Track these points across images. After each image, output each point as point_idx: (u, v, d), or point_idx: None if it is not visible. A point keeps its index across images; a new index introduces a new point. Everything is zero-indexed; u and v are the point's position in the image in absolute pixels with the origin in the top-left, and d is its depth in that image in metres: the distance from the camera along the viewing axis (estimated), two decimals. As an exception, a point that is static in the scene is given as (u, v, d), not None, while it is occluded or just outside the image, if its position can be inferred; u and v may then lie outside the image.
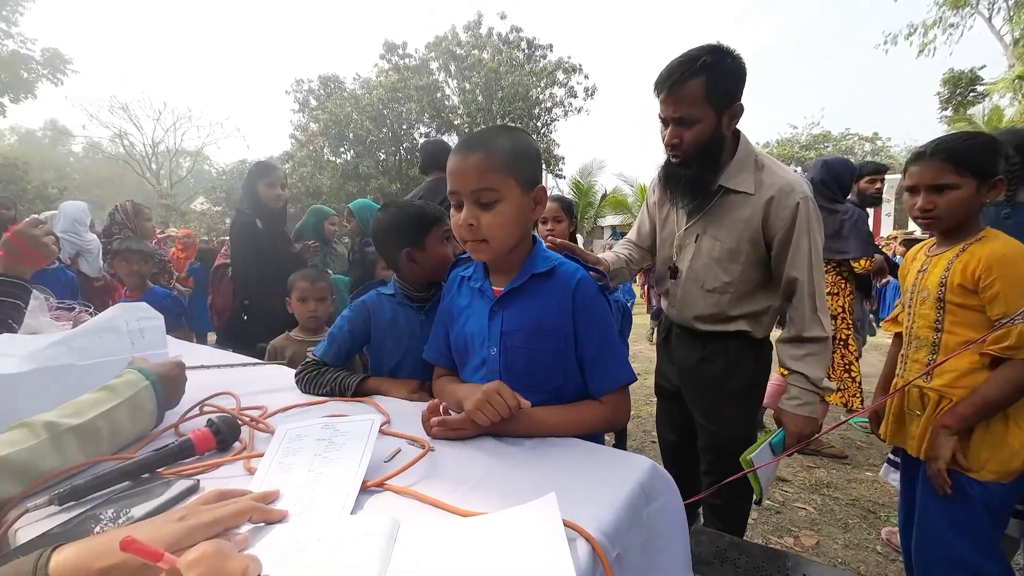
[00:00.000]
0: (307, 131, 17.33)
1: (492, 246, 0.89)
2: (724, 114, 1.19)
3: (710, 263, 1.30)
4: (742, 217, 1.24)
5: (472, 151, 0.86)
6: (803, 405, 1.23)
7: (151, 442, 0.84)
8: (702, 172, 1.25)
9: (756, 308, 1.30)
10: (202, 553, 0.39)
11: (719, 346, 1.35)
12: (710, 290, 1.31)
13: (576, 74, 17.18)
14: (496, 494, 0.66)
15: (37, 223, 1.31)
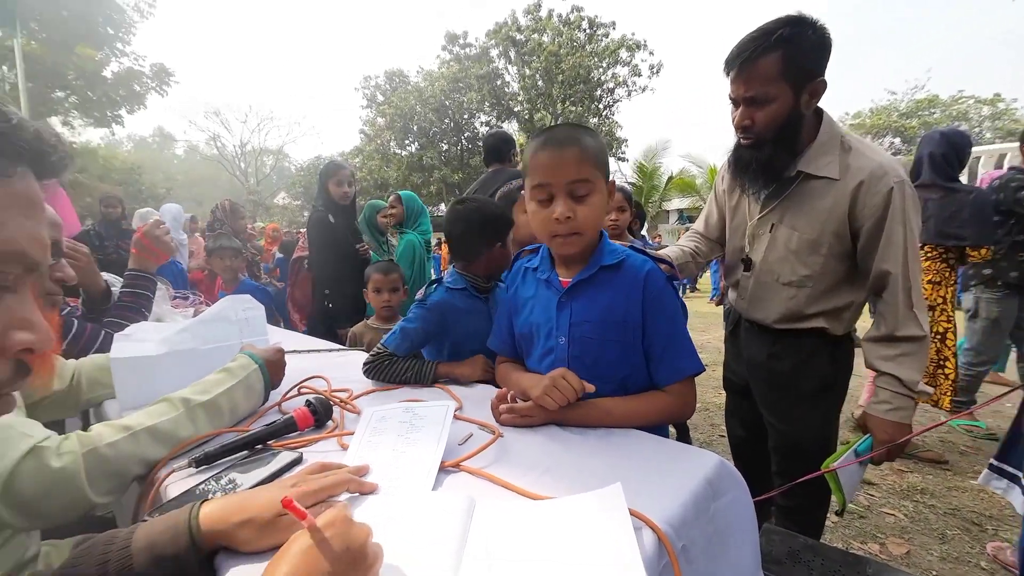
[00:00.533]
0: (374, 126, 18.11)
1: (584, 238, 0.92)
2: (803, 91, 1.10)
3: (787, 255, 1.21)
4: (824, 206, 1.14)
5: (566, 146, 0.88)
6: (894, 410, 1.12)
7: (260, 418, 0.96)
8: (777, 155, 1.16)
9: (837, 304, 1.20)
10: (334, 516, 0.45)
11: (791, 342, 1.27)
12: (786, 283, 1.23)
13: (640, 51, 16.44)
14: (563, 481, 0.69)
15: (159, 224, 1.51)
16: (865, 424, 1.17)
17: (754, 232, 1.29)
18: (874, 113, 22.84)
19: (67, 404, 1.10)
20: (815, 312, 1.21)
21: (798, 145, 1.16)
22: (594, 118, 17.11)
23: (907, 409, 1.12)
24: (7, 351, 0.32)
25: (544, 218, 0.90)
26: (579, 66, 15.69)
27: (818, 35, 1.07)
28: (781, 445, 1.33)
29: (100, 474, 0.71)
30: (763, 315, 1.30)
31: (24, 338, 0.32)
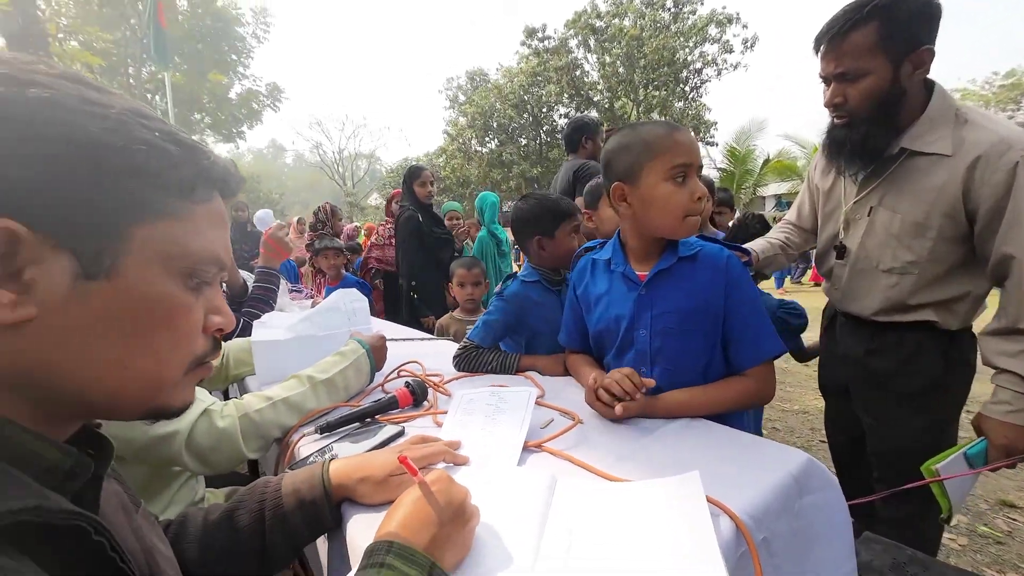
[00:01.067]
0: (456, 125, 18.79)
1: (704, 216, 0.98)
2: (904, 63, 1.00)
3: (887, 240, 1.10)
4: (933, 185, 1.02)
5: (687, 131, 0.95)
6: (1015, 412, 0.98)
7: (367, 396, 1.10)
8: (874, 132, 1.07)
9: (949, 294, 1.07)
10: (439, 475, 0.55)
11: (893, 337, 1.14)
12: (886, 270, 1.11)
13: (732, 25, 15.23)
14: (641, 467, 0.72)
15: (282, 227, 1.76)
16: (980, 426, 1.04)
17: (850, 217, 1.19)
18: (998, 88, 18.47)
19: (219, 378, 1.34)
20: (922, 303, 1.09)
21: (899, 121, 1.05)
22: (679, 101, 16.21)
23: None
24: (208, 330, 0.43)
25: (682, 198, 0.92)
26: (663, 48, 14.94)
27: (920, 1, 0.97)
28: (881, 450, 1.21)
29: (251, 434, 0.88)
30: (860, 307, 1.19)
31: (218, 321, 0.43)
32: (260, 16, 16.95)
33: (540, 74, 16.46)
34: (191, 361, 0.41)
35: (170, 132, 0.38)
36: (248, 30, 17.00)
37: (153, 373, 0.38)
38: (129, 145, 0.35)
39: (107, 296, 0.35)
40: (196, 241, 0.39)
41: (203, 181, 0.40)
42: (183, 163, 0.38)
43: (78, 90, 0.34)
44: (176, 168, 0.37)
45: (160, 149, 0.36)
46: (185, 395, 0.42)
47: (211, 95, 16.46)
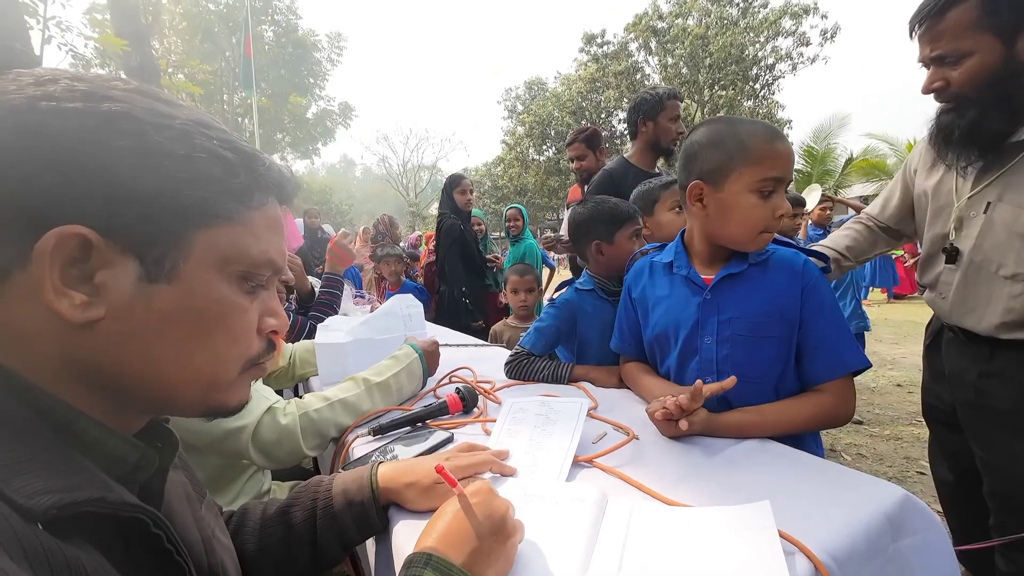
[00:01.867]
0: (514, 135, 19.03)
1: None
2: (1019, 38, 0.88)
3: (1010, 240, 0.96)
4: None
5: (786, 141, 0.89)
6: None
7: (420, 400, 1.12)
8: (987, 116, 0.94)
9: None
10: (479, 487, 0.53)
11: (1013, 358, 0.98)
12: (1009, 276, 0.96)
13: (810, 16, 14.23)
14: (702, 491, 0.66)
15: (346, 235, 1.85)
16: None
17: (962, 215, 1.04)
18: None
19: (286, 378, 1.43)
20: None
21: (1020, 104, 0.92)
22: (748, 100, 15.35)
23: None
24: (263, 331, 0.44)
25: (765, 212, 0.86)
26: (730, 45, 14.25)
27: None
28: (1000, 492, 1.03)
29: (310, 432, 0.91)
30: (974, 320, 1.03)
31: (273, 323, 0.45)
32: (335, 41, 18.28)
33: (599, 80, 16.29)
34: (246, 361, 0.43)
35: (229, 140, 0.39)
36: (324, 55, 18.38)
37: (210, 372, 0.40)
38: (191, 153, 0.36)
39: (168, 298, 0.36)
40: (253, 245, 0.40)
41: (259, 187, 0.41)
42: (240, 170, 0.39)
43: (148, 103, 0.36)
44: (234, 175, 0.39)
45: (219, 157, 0.38)
46: (240, 394, 0.44)
47: (291, 116, 17.95)
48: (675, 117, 2.04)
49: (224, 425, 0.85)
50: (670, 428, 0.81)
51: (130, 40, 5.43)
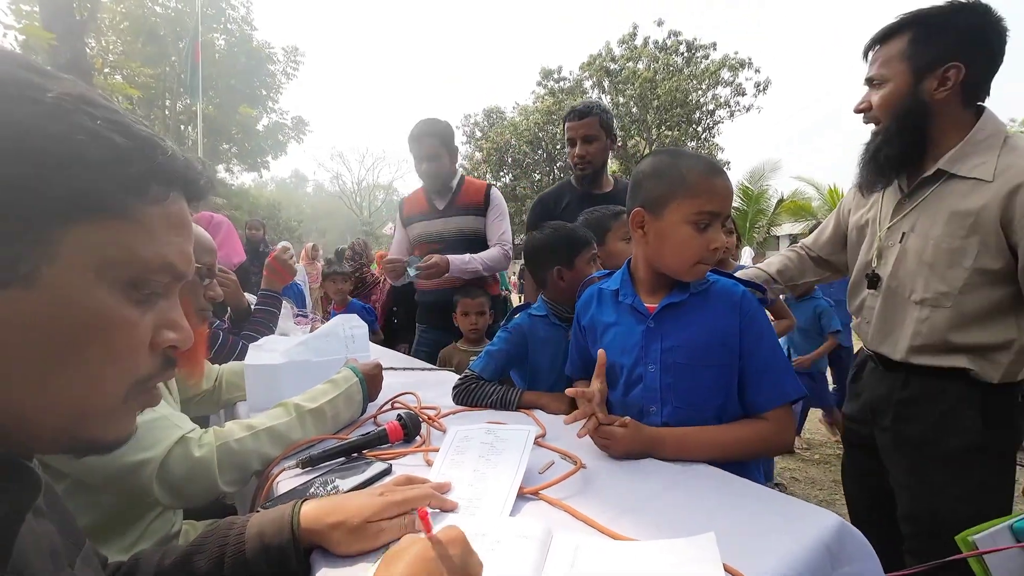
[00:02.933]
0: (472, 160, 19.25)
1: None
2: (927, 76, 0.98)
3: (919, 267, 1.02)
4: (970, 208, 0.96)
5: (726, 177, 0.91)
6: None
7: (357, 428, 1.04)
8: (887, 142, 1.04)
9: (987, 340, 0.97)
10: (456, 535, 0.46)
11: (929, 384, 1.04)
12: (918, 301, 1.03)
13: (745, 69, 15.61)
14: (649, 523, 0.64)
15: (286, 250, 1.75)
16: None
17: (883, 244, 1.11)
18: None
19: (211, 403, 1.29)
20: (956, 346, 0.99)
21: (930, 137, 1.01)
22: (692, 141, 16.45)
23: None
24: (157, 347, 0.38)
25: (700, 244, 0.88)
26: (676, 90, 15.32)
27: (970, 19, 0.95)
28: (913, 516, 1.07)
29: (229, 465, 0.82)
30: (891, 345, 1.09)
31: (172, 337, 0.39)
32: (291, 55, 17.91)
33: (555, 113, 16.90)
34: (132, 384, 0.36)
35: (119, 121, 0.33)
36: (279, 67, 17.93)
37: (79, 398, 0.33)
38: (65, 133, 0.30)
39: (23, 307, 0.30)
40: (146, 246, 0.35)
41: (158, 178, 0.36)
42: (134, 157, 0.33)
43: (14, 72, 0.30)
44: (124, 162, 0.33)
45: (104, 139, 0.32)
46: (123, 425, 0.37)
47: (240, 127, 17.23)
48: (570, 140, 1.91)
49: (124, 459, 0.74)
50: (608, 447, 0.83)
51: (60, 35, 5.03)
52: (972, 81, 0.97)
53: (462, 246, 2.04)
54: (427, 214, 2.12)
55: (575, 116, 1.87)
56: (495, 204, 2.11)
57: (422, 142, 2.00)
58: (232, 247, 2.20)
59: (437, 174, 2.04)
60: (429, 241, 2.12)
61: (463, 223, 2.09)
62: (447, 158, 2.06)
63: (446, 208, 2.10)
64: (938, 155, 1.01)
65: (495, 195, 2.13)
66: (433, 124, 2.02)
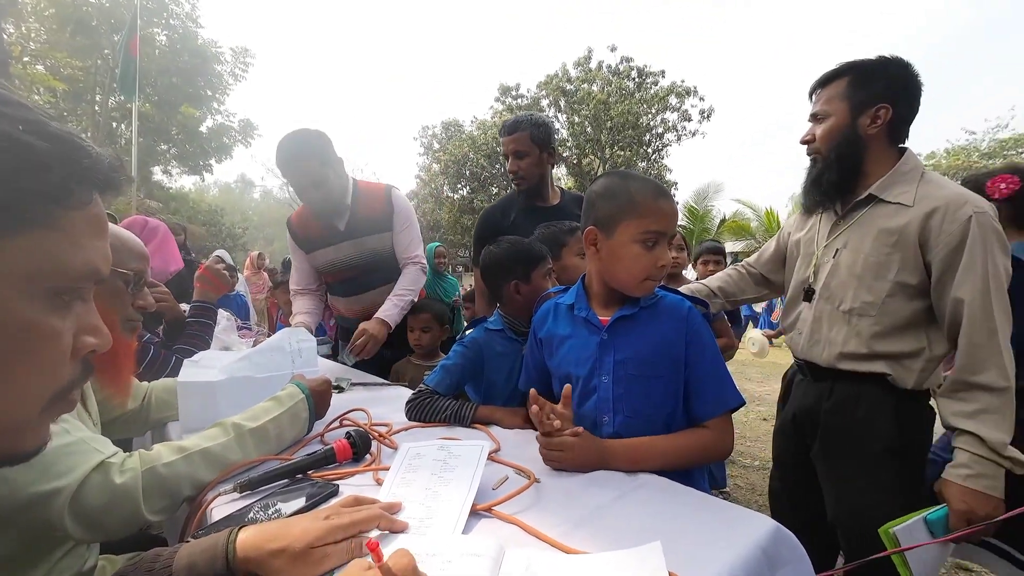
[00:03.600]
0: (430, 171, 19.17)
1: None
2: (862, 114, 1.13)
3: (849, 279, 1.14)
4: (894, 227, 1.08)
5: (671, 200, 0.97)
6: (975, 477, 0.96)
7: (304, 447, 0.99)
8: (827, 169, 1.18)
9: (905, 348, 1.09)
10: (407, 564, 0.45)
11: (851, 389, 1.15)
12: (847, 311, 1.14)
13: (691, 97, 16.58)
14: (598, 534, 0.65)
15: (220, 260, 1.66)
16: (941, 491, 1.01)
17: (819, 261, 1.24)
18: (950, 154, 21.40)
19: (137, 423, 1.19)
20: (877, 353, 1.10)
21: (862, 167, 1.16)
22: (642, 162, 17.21)
23: (992, 478, 0.95)
24: (77, 353, 0.35)
25: (648, 262, 0.93)
26: (628, 112, 16.01)
27: (897, 71, 1.12)
28: (840, 518, 1.16)
29: (156, 492, 0.75)
30: (820, 352, 1.20)
31: (92, 341, 0.36)
32: (240, 56, 17.17)
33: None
34: (53, 395, 0.34)
35: (39, 122, 0.31)
36: (227, 68, 17.13)
37: (1, 413, 0.31)
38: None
39: None
40: (73, 255, 0.32)
41: (81, 183, 0.33)
42: (53, 163, 0.31)
43: None
44: (44, 169, 0.31)
45: (23, 146, 0.30)
46: (39, 434, 0.34)
47: (181, 128, 16.26)
48: (504, 155, 1.84)
49: (32, 488, 0.66)
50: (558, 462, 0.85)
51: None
52: (897, 122, 1.12)
53: (379, 269, 1.85)
54: (330, 238, 1.83)
55: (505, 131, 1.81)
56: (399, 210, 1.86)
57: (299, 169, 1.66)
58: (169, 254, 2.05)
59: (328, 200, 1.74)
60: (341, 269, 1.87)
61: (376, 244, 1.84)
62: (333, 177, 1.72)
63: (349, 228, 1.82)
64: (868, 183, 1.15)
65: (397, 198, 1.88)
66: (305, 143, 1.66)
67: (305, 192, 1.72)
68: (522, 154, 1.78)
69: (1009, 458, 0.96)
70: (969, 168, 19.90)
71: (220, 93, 17.21)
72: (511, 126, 1.80)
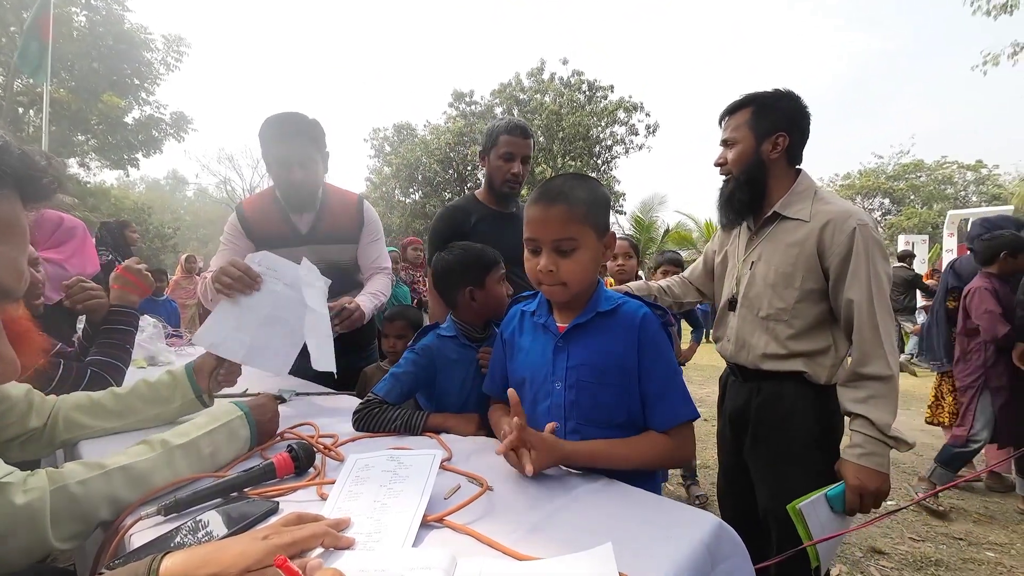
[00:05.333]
0: (381, 174, 18.74)
1: (569, 288, 0.95)
2: (765, 141, 1.26)
3: (764, 289, 1.27)
4: (796, 241, 1.22)
5: (554, 203, 0.92)
6: (867, 455, 1.10)
7: (241, 463, 0.93)
8: (738, 189, 1.31)
9: (815, 346, 1.22)
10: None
11: (774, 390, 1.27)
12: (764, 317, 1.26)
13: (638, 112, 17.32)
14: (552, 539, 0.65)
15: (139, 261, 1.52)
16: (839, 469, 1.15)
17: (740, 273, 1.36)
18: (862, 175, 23.90)
19: (42, 442, 1.06)
20: (795, 352, 1.23)
21: (767, 188, 1.29)
22: (593, 172, 17.75)
23: (880, 455, 1.10)
24: None
25: (532, 267, 0.95)
26: (579, 124, 16.48)
27: (788, 103, 1.27)
28: (771, 509, 1.26)
29: (66, 515, 0.67)
30: (745, 355, 1.31)
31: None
32: (173, 44, 16.00)
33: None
34: None
35: None
36: (158, 56, 15.90)
37: None
38: None
39: None
40: None
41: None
42: None
43: None
44: None
45: None
46: None
47: (102, 117, 14.87)
48: (508, 155, 1.69)
49: None
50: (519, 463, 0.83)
51: None
52: (793, 147, 1.27)
53: (335, 279, 1.67)
54: (287, 239, 1.65)
55: (520, 133, 1.71)
56: (369, 222, 1.78)
57: (292, 143, 1.56)
58: (87, 255, 1.85)
59: (306, 186, 1.61)
60: None
61: (338, 255, 1.71)
62: (320, 166, 1.63)
63: (312, 232, 1.67)
64: (773, 202, 1.29)
65: (369, 211, 1.79)
66: (303, 120, 1.59)
67: (289, 170, 1.57)
68: (528, 159, 1.76)
69: (893, 438, 1.10)
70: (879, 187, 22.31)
71: (150, 83, 15.90)
72: (526, 130, 1.74)
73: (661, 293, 1.56)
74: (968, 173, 23.16)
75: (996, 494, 2.88)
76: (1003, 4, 14.06)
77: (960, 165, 23.31)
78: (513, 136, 1.70)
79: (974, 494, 2.88)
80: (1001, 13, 14.51)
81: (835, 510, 1.09)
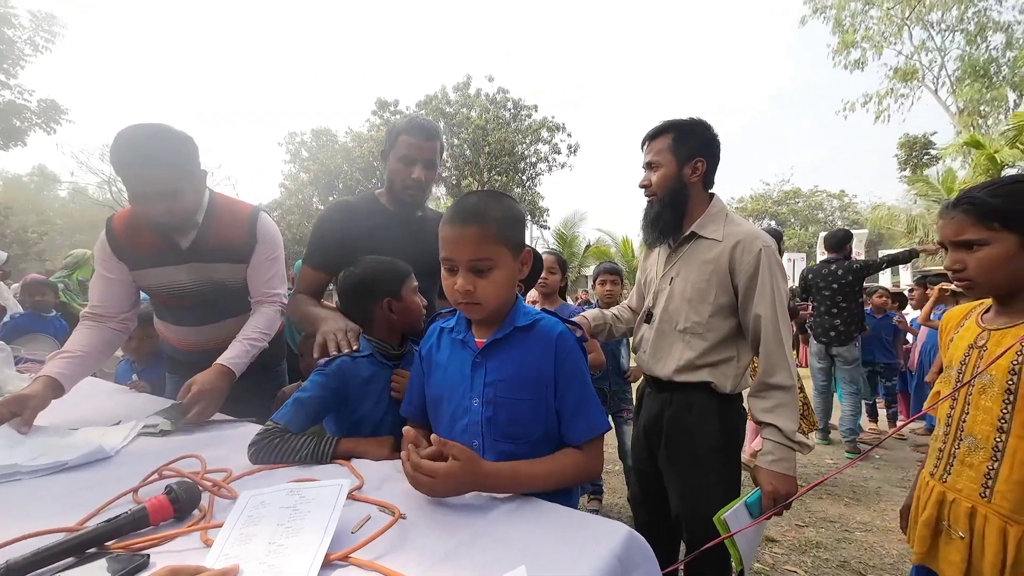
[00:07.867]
0: (297, 181, 17.68)
1: (485, 307, 0.93)
2: (685, 165, 1.35)
3: (681, 303, 1.35)
4: (710, 258, 1.32)
5: (468, 223, 0.90)
6: (777, 461, 1.20)
7: (102, 511, 0.79)
8: (663, 210, 1.39)
9: (721, 357, 1.31)
10: None
11: (682, 399, 1.34)
12: (682, 330, 1.34)
13: (560, 132, 18.14)
14: (465, 567, 0.63)
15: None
16: (755, 476, 1.24)
17: (658, 288, 1.44)
18: (753, 199, 27.19)
19: None
20: (704, 363, 1.32)
21: (687, 209, 1.39)
22: (518, 188, 18.19)
23: (788, 460, 1.20)
24: None
25: (449, 287, 0.93)
26: (504, 140, 16.87)
27: (704, 131, 1.37)
28: (681, 513, 1.34)
29: None
30: (661, 367, 1.38)
31: None
32: (43, 22, 13.93)
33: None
34: None
35: None
36: (23, 35, 13.73)
37: None
38: None
39: None
40: None
41: None
42: None
43: None
44: None
45: None
46: None
47: (-57, 99, 12.48)
48: (407, 159, 1.46)
49: None
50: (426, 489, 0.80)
51: None
52: (708, 172, 1.38)
53: (221, 300, 1.52)
54: (166, 257, 1.44)
55: (422, 134, 1.47)
56: (264, 240, 1.53)
57: (145, 175, 1.28)
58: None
59: (171, 214, 1.35)
60: (175, 296, 1.49)
61: (225, 274, 1.50)
62: (189, 191, 1.36)
63: (194, 249, 1.45)
64: (691, 222, 1.38)
65: (264, 226, 1.54)
66: (162, 144, 1.29)
67: (146, 201, 1.31)
68: (433, 164, 1.53)
69: (797, 443, 1.21)
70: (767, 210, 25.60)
71: (11, 64, 13.65)
72: (431, 131, 1.51)
73: (615, 320, 1.63)
74: (834, 200, 27.26)
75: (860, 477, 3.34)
76: (856, 61, 16.77)
77: (828, 194, 27.44)
78: (413, 137, 1.46)
79: (844, 480, 3.30)
80: (856, 68, 17.28)
81: (753, 515, 1.18)
